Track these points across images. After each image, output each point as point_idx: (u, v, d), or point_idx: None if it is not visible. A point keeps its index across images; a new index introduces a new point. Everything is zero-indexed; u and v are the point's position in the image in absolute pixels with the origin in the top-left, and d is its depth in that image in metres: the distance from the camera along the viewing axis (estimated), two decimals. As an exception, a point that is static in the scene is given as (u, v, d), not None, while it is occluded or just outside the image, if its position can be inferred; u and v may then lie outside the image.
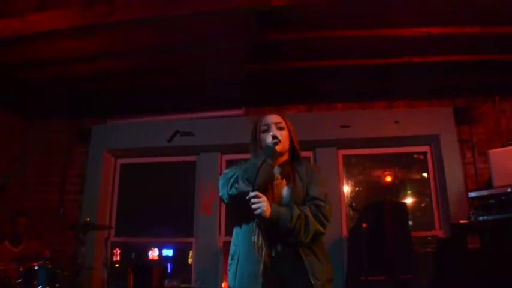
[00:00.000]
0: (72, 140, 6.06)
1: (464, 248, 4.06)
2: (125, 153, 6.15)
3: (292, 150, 2.43)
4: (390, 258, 4.19)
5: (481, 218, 4.24)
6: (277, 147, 2.22)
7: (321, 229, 2.18)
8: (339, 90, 5.47)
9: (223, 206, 5.59)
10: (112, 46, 4.47)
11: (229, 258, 2.33)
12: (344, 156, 5.79)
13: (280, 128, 2.37)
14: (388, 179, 5.71)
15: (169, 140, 5.75)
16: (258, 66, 4.83)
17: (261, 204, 2.09)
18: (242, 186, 2.16)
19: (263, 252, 2.12)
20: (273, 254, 2.14)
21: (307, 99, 5.75)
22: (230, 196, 2.24)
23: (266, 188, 2.19)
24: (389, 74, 4.99)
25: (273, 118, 2.40)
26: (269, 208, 2.12)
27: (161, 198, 6.04)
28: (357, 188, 5.77)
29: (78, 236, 4.86)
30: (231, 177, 2.25)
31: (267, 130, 2.35)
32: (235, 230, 2.37)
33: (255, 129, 2.42)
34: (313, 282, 2.11)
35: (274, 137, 2.23)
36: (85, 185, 5.83)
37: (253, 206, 2.08)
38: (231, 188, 2.22)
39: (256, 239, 2.15)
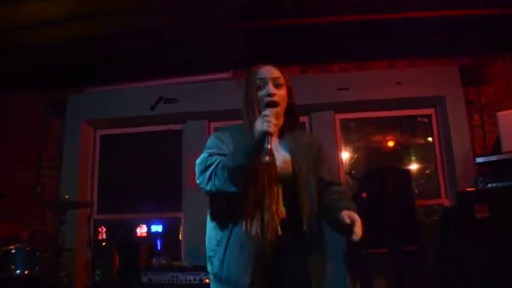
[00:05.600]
0: (47, 113, 5.79)
1: (471, 217, 3.93)
2: (105, 124, 5.92)
3: (290, 113, 2.07)
4: (393, 229, 4.11)
5: (489, 185, 4.15)
6: (271, 130, 1.73)
7: None
8: (335, 49, 5.26)
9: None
10: (85, 7, 4.18)
11: (215, 243, 1.97)
12: (342, 120, 5.64)
13: (279, 85, 2.01)
14: (390, 144, 5.62)
15: (153, 108, 5.52)
16: (246, 25, 4.61)
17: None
18: (223, 185, 1.81)
19: (264, 240, 1.82)
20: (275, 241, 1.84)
21: (301, 60, 5.51)
22: (208, 192, 1.89)
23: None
24: (389, 30, 4.75)
25: (270, 71, 2.03)
26: None
27: (146, 171, 5.86)
28: (356, 155, 5.65)
29: (57, 215, 4.70)
30: (210, 166, 1.87)
31: (263, 87, 1.99)
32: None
33: (247, 85, 2.05)
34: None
35: (264, 116, 1.76)
36: (63, 159, 5.62)
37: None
38: (208, 182, 1.85)
39: (249, 229, 1.84)
